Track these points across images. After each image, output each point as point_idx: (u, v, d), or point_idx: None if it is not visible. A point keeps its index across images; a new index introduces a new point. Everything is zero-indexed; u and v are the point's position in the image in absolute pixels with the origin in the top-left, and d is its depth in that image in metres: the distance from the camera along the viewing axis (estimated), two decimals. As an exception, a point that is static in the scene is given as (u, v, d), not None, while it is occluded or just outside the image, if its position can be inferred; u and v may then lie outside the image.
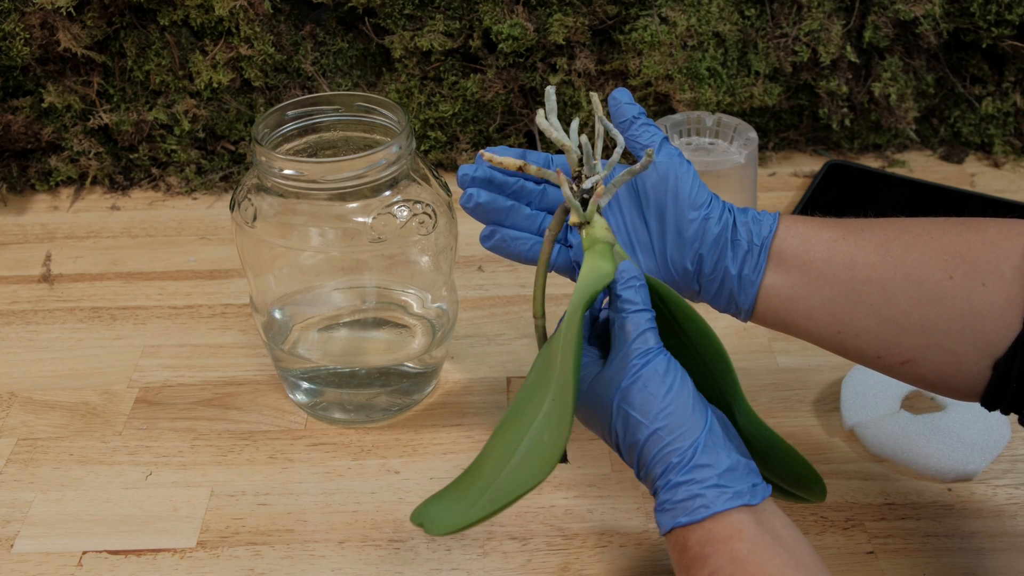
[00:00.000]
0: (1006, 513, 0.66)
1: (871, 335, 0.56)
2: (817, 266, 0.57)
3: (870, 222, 0.58)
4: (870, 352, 0.56)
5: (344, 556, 0.65)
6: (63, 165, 0.99)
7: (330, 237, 0.67)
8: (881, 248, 0.56)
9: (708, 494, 0.48)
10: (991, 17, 0.95)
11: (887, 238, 0.56)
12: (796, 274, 0.57)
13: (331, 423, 0.74)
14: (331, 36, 0.99)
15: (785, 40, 0.95)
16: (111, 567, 0.64)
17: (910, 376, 0.56)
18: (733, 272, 0.58)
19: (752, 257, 0.57)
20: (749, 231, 0.58)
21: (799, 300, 0.57)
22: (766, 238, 0.57)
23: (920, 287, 0.54)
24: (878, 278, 0.55)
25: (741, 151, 0.84)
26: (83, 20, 0.93)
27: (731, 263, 0.58)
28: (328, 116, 0.70)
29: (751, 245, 0.57)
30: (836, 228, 0.58)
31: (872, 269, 0.55)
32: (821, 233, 0.57)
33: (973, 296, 0.53)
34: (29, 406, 0.76)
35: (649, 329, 0.52)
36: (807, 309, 0.57)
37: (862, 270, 0.55)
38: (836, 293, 0.56)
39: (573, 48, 0.97)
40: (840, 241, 0.57)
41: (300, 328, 0.74)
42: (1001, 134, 1.02)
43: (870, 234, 0.57)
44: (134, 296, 0.87)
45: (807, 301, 0.57)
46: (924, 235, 0.56)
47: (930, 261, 0.54)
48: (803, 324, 0.58)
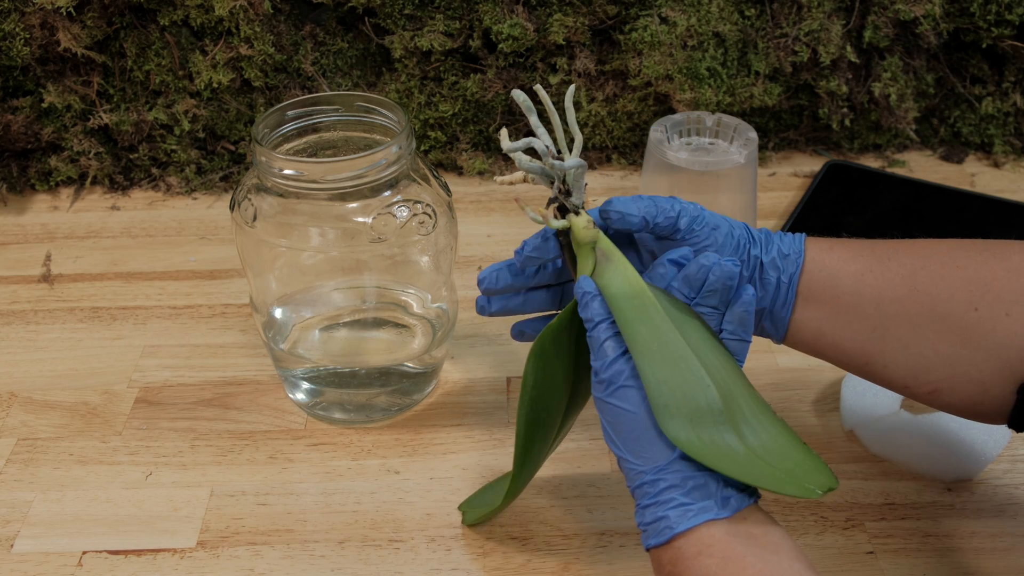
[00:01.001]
0: (1006, 513, 0.66)
1: (899, 367, 0.57)
2: (845, 301, 0.57)
3: (896, 249, 0.58)
4: (898, 382, 0.57)
5: (344, 556, 0.65)
6: (63, 165, 0.99)
7: (330, 237, 0.67)
8: (908, 281, 0.56)
9: (671, 515, 0.50)
10: (991, 17, 0.95)
11: (913, 269, 0.56)
12: (824, 309, 0.58)
13: (331, 423, 0.74)
14: (331, 36, 0.99)
15: (785, 40, 0.95)
16: (111, 567, 0.64)
17: (937, 403, 0.57)
18: (765, 308, 0.59)
19: (781, 295, 0.58)
20: (777, 269, 0.58)
21: (828, 333, 0.58)
22: (793, 275, 0.58)
23: (946, 321, 0.55)
24: (905, 312, 0.56)
25: (741, 151, 0.84)
26: (83, 20, 0.93)
27: (761, 303, 0.59)
28: (328, 116, 0.70)
29: (779, 283, 0.58)
30: (862, 259, 0.58)
31: (899, 303, 0.56)
32: (848, 266, 0.58)
33: (997, 326, 0.54)
34: (29, 406, 0.76)
35: (608, 339, 0.53)
36: (836, 341, 0.58)
37: (889, 305, 0.56)
38: (864, 328, 0.57)
39: (573, 48, 0.97)
40: (867, 275, 0.57)
41: (300, 328, 0.74)
42: (1001, 134, 1.02)
43: (896, 265, 0.57)
44: (134, 296, 0.87)
45: (835, 335, 0.58)
46: (950, 264, 0.56)
47: (956, 293, 0.55)
48: (832, 354, 0.59)
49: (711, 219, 0.58)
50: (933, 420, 0.70)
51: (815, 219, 0.92)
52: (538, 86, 0.56)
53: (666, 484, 0.50)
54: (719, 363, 0.54)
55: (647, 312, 0.54)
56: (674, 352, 0.53)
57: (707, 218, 0.58)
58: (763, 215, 0.94)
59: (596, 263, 0.56)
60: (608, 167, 1.03)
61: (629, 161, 1.03)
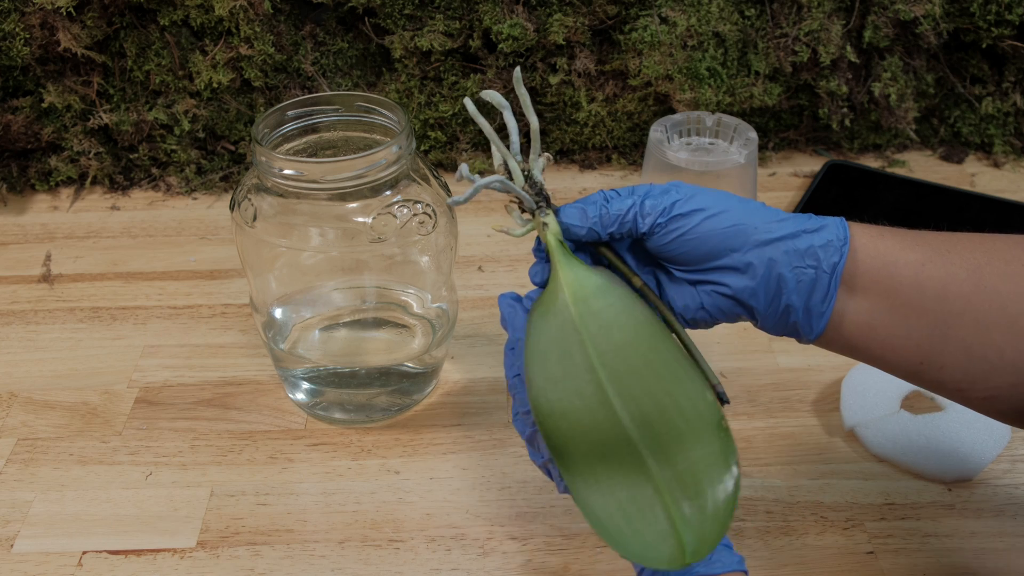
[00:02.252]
0: (1006, 513, 0.66)
1: (957, 370, 0.51)
2: (904, 293, 0.51)
3: (952, 241, 0.53)
4: (951, 385, 0.53)
5: (344, 556, 0.65)
6: (63, 165, 0.99)
7: (330, 237, 0.67)
8: (973, 276, 0.51)
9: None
10: (991, 17, 0.95)
11: (978, 264, 0.51)
12: (877, 300, 0.52)
13: (331, 423, 0.74)
14: (331, 36, 0.99)
15: (785, 40, 0.95)
16: (111, 567, 0.64)
17: (988, 410, 0.53)
18: (797, 306, 0.53)
19: (821, 287, 0.52)
20: (816, 258, 0.52)
21: (879, 328, 0.52)
22: (837, 264, 0.52)
23: (1015, 324, 0.50)
24: (971, 310, 0.50)
25: (741, 151, 0.84)
26: (83, 20, 0.93)
27: (795, 298, 0.52)
28: (328, 116, 0.70)
29: (818, 273, 0.52)
30: (920, 248, 0.52)
31: (966, 300, 0.50)
32: (906, 254, 0.52)
33: None
34: (29, 406, 0.76)
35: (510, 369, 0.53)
36: (887, 338, 0.52)
37: (955, 301, 0.50)
38: (924, 324, 0.51)
39: (573, 48, 0.97)
40: (928, 265, 0.51)
41: (300, 328, 0.74)
42: (1001, 134, 1.02)
43: (958, 258, 0.51)
44: (134, 296, 0.87)
45: (888, 329, 0.52)
46: (1015, 262, 0.51)
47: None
48: (879, 352, 0.53)
49: (694, 203, 0.52)
50: (933, 420, 0.70)
51: (815, 219, 0.92)
52: (467, 99, 0.54)
53: None
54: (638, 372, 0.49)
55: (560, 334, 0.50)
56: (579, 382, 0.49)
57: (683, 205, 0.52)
58: (763, 215, 0.94)
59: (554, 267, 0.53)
60: (608, 167, 1.03)
61: (629, 161, 1.03)
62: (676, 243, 0.53)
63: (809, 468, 0.70)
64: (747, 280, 0.53)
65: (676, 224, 0.52)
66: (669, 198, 0.53)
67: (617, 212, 0.53)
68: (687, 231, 0.52)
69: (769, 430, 0.73)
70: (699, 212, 0.52)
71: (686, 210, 0.52)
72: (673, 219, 0.52)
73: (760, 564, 0.63)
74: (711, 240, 0.52)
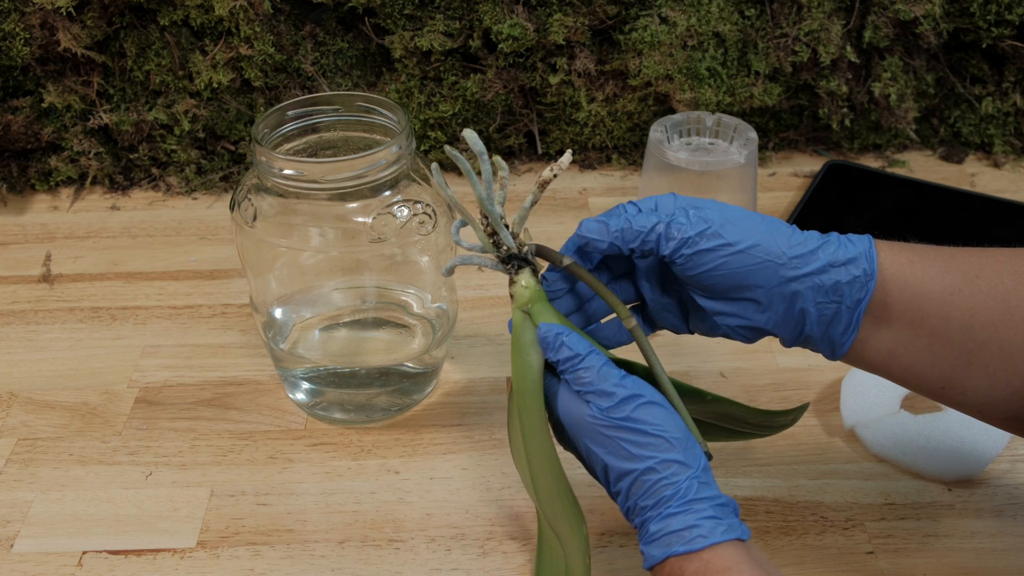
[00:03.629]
0: (1006, 513, 0.66)
1: (980, 395, 0.52)
2: (929, 324, 0.51)
3: (981, 263, 0.52)
4: (973, 407, 0.53)
5: (344, 556, 0.65)
6: (63, 165, 0.99)
7: (330, 237, 0.67)
8: (1001, 304, 0.50)
9: (705, 524, 0.48)
10: (991, 17, 0.95)
11: (1006, 291, 0.51)
12: (903, 331, 0.52)
13: (331, 423, 0.74)
14: (331, 36, 0.99)
15: (785, 40, 0.95)
16: (111, 567, 0.64)
17: (1009, 427, 0.54)
18: (818, 336, 0.53)
19: (841, 322, 0.52)
20: (841, 294, 0.51)
21: (903, 356, 0.52)
22: (862, 300, 0.51)
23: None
24: (997, 339, 0.50)
25: (741, 151, 0.84)
26: (83, 20, 0.93)
27: (816, 330, 0.52)
28: (328, 116, 0.70)
29: (840, 308, 0.52)
30: (950, 277, 0.51)
31: (992, 329, 0.50)
32: (935, 286, 0.51)
33: None
34: (29, 406, 0.76)
35: (605, 364, 0.51)
36: (911, 365, 0.52)
37: (980, 331, 0.50)
38: (948, 353, 0.51)
39: (573, 48, 0.97)
40: (956, 296, 0.51)
41: (300, 328, 0.74)
42: (1001, 134, 1.02)
43: (986, 284, 0.51)
44: (134, 296, 0.87)
45: (912, 358, 0.52)
46: None
47: None
48: (901, 376, 0.53)
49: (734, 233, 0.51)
50: (933, 420, 0.70)
51: (815, 219, 0.92)
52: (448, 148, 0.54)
53: (697, 495, 0.48)
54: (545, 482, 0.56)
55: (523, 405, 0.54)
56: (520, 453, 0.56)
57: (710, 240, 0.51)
58: (763, 215, 0.94)
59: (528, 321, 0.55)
60: (608, 167, 1.03)
61: (629, 161, 1.03)
62: (701, 276, 0.52)
63: (809, 468, 0.70)
64: (770, 314, 0.53)
65: (703, 259, 0.52)
66: (697, 225, 0.52)
67: (640, 228, 0.52)
68: (714, 267, 0.52)
69: (769, 430, 0.73)
70: (727, 247, 0.51)
71: (713, 245, 0.51)
72: (699, 253, 0.51)
73: (760, 564, 0.63)
74: (737, 276, 0.52)
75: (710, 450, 0.51)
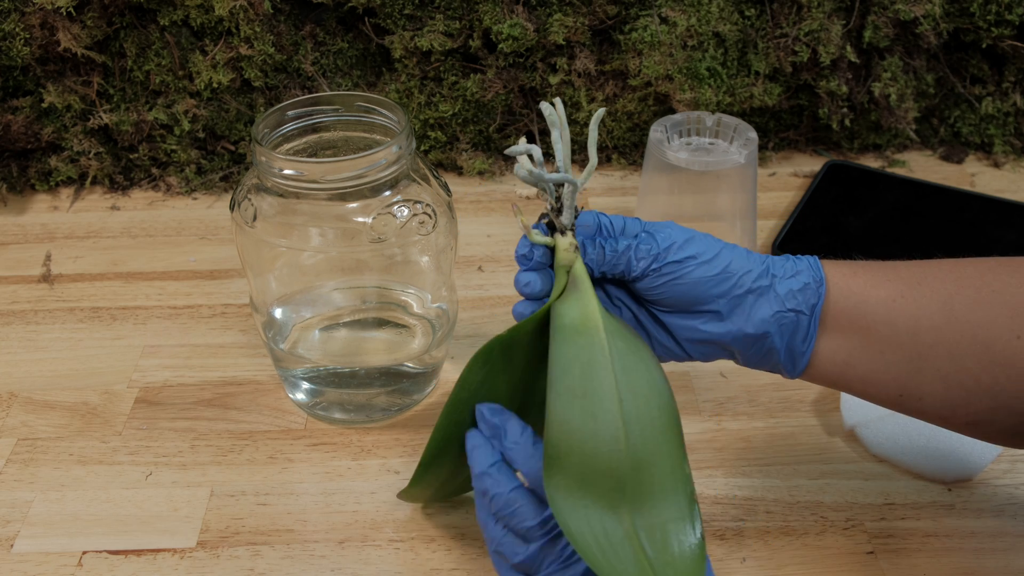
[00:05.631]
0: (1006, 513, 0.66)
1: (936, 398, 0.53)
2: (877, 330, 0.53)
3: (923, 271, 0.54)
4: (933, 414, 0.54)
5: (344, 556, 0.65)
6: (63, 165, 0.99)
7: (330, 237, 0.67)
8: (944, 307, 0.52)
9: None
10: (991, 17, 0.95)
11: (948, 295, 0.53)
12: (853, 339, 0.54)
13: (331, 423, 0.74)
14: (331, 36, 0.99)
15: (785, 40, 0.95)
16: (111, 567, 0.64)
17: (975, 434, 0.55)
18: (779, 347, 0.55)
19: (800, 330, 0.54)
20: (795, 301, 0.54)
21: (857, 365, 0.54)
22: (815, 306, 0.54)
23: (989, 350, 0.51)
24: (944, 341, 0.52)
25: (741, 151, 0.84)
26: (83, 20, 0.93)
27: (776, 341, 0.55)
28: (328, 116, 0.70)
29: (798, 316, 0.54)
30: (892, 285, 0.54)
31: (937, 332, 0.52)
32: (877, 291, 0.54)
33: None
34: (29, 406, 0.76)
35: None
36: (866, 374, 0.54)
37: (926, 334, 0.52)
38: (899, 358, 0.53)
39: (573, 48, 0.97)
40: (899, 300, 0.53)
41: (300, 328, 0.74)
42: (1001, 134, 1.02)
43: (929, 290, 0.53)
44: (134, 296, 0.87)
45: (866, 366, 0.54)
46: (985, 289, 0.52)
47: (996, 320, 0.51)
48: (859, 387, 0.55)
49: (687, 249, 0.54)
50: (933, 420, 0.70)
51: (815, 219, 0.92)
52: (557, 99, 0.54)
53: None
54: (651, 422, 0.50)
55: (590, 354, 0.51)
56: (598, 405, 0.50)
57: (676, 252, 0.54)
58: (763, 215, 0.94)
59: (565, 288, 0.54)
60: (608, 167, 1.03)
61: (629, 161, 1.03)
62: (666, 287, 0.54)
63: (809, 468, 0.70)
64: (729, 325, 0.55)
65: (669, 269, 0.54)
66: (663, 241, 0.54)
67: (612, 253, 0.55)
68: (679, 276, 0.54)
69: (769, 430, 0.73)
70: (692, 259, 0.54)
71: (680, 257, 0.54)
72: (667, 265, 0.54)
73: (760, 564, 0.63)
74: (700, 286, 0.54)
75: None
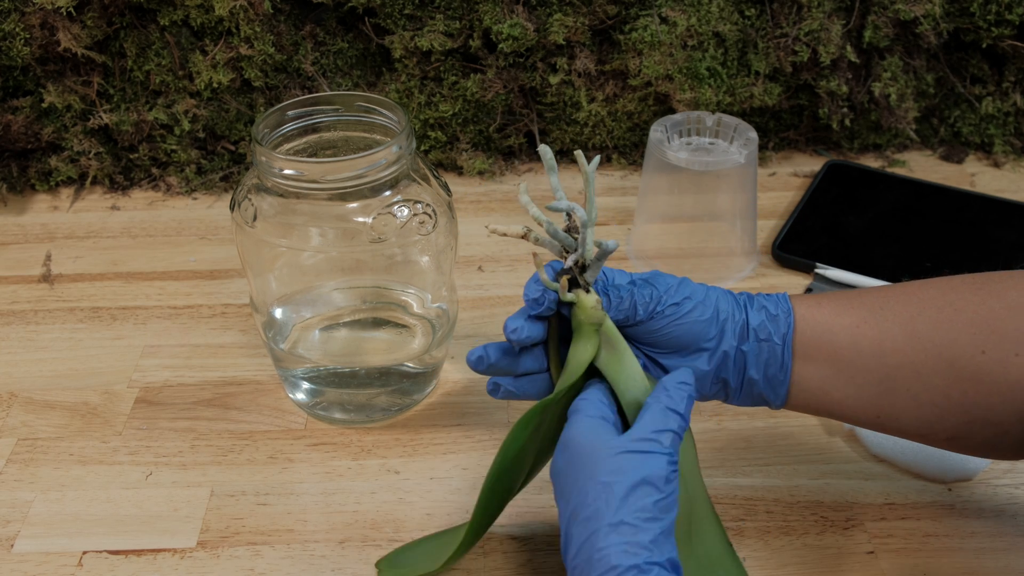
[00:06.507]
0: (1006, 513, 0.66)
1: (911, 418, 0.55)
2: (845, 356, 0.55)
3: (886, 297, 0.56)
4: (913, 432, 0.56)
5: (344, 556, 0.65)
6: (63, 165, 0.99)
7: (330, 237, 0.67)
8: (907, 329, 0.54)
9: None
10: (991, 17, 0.95)
11: (911, 316, 0.54)
12: (824, 366, 0.56)
13: (331, 423, 0.74)
14: (331, 36, 0.99)
15: (785, 40, 0.95)
16: (111, 567, 0.64)
17: (956, 448, 0.56)
18: (758, 377, 0.57)
19: (776, 359, 0.56)
20: (767, 331, 0.56)
21: (831, 391, 0.56)
22: (785, 335, 0.56)
23: (953, 366, 0.53)
24: (909, 362, 0.54)
25: (741, 151, 0.84)
26: (83, 20, 0.93)
27: (755, 370, 0.57)
28: (328, 116, 0.70)
29: (772, 346, 0.56)
30: (855, 310, 0.56)
31: (902, 354, 0.54)
32: (841, 319, 0.56)
33: (1009, 368, 0.52)
34: (29, 406, 0.76)
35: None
36: (842, 398, 0.56)
37: (891, 356, 0.54)
38: (869, 381, 0.55)
39: (573, 48, 0.97)
40: (863, 326, 0.55)
41: (300, 328, 0.74)
42: (1001, 134, 1.02)
43: (892, 313, 0.55)
44: (134, 296, 0.87)
45: (840, 391, 0.56)
46: (947, 308, 0.54)
47: (959, 337, 0.53)
48: (839, 412, 0.57)
49: (683, 292, 0.56)
50: (933, 420, 0.70)
51: (815, 219, 0.92)
52: (595, 157, 0.54)
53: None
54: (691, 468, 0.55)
55: None
56: None
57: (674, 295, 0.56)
58: (763, 215, 0.94)
59: (599, 349, 0.55)
60: (608, 167, 1.03)
61: (629, 161, 1.03)
62: (668, 328, 0.56)
63: (809, 468, 0.70)
64: (717, 361, 0.57)
65: (670, 311, 0.56)
66: (661, 285, 0.57)
67: (617, 300, 0.56)
68: (678, 317, 0.56)
69: (769, 430, 0.73)
70: (688, 300, 0.56)
71: (678, 299, 0.56)
72: (668, 307, 0.56)
73: (760, 564, 0.63)
74: (696, 328, 0.56)
75: None
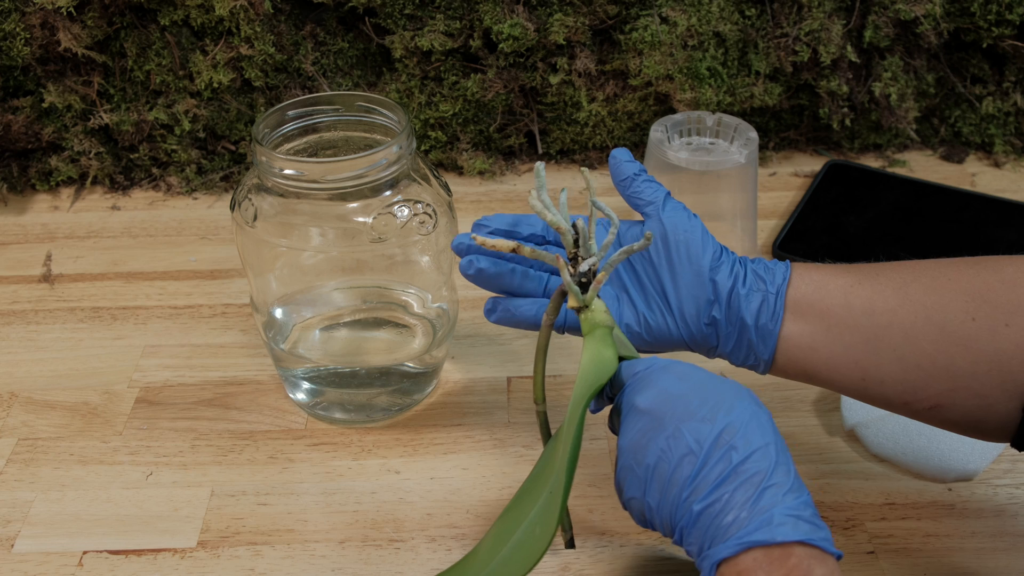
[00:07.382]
0: (1006, 513, 0.66)
1: (896, 381, 0.55)
2: (836, 313, 0.56)
3: (884, 265, 0.57)
4: (896, 399, 0.56)
5: (344, 556, 0.65)
6: (63, 165, 0.99)
7: (330, 237, 0.67)
8: (899, 292, 0.55)
9: (787, 522, 0.46)
10: (991, 17, 0.95)
11: (904, 281, 0.55)
12: (815, 322, 0.57)
13: (331, 423, 0.74)
14: (331, 36, 0.99)
15: (785, 40, 0.95)
16: (111, 567, 0.64)
17: (938, 420, 0.56)
18: (750, 322, 0.58)
19: (768, 306, 0.57)
20: (762, 280, 0.58)
21: (819, 348, 0.57)
22: (780, 285, 0.57)
23: (943, 330, 0.53)
24: (899, 322, 0.54)
25: (741, 151, 0.84)
26: (83, 20, 0.93)
27: (747, 314, 0.58)
28: (328, 116, 0.70)
29: (766, 294, 0.57)
30: (851, 273, 0.57)
31: (892, 314, 0.55)
32: (836, 279, 0.57)
33: (997, 337, 0.52)
34: (29, 406, 0.76)
35: None
36: (828, 357, 0.57)
37: (882, 315, 0.55)
38: (857, 340, 0.56)
39: (573, 48, 0.97)
40: (856, 286, 0.56)
41: (300, 328, 0.74)
42: (1001, 134, 1.02)
43: (886, 278, 0.56)
44: (134, 296, 0.87)
45: (828, 349, 0.57)
46: (941, 277, 0.55)
47: (950, 303, 0.53)
48: (825, 373, 0.57)
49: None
50: (933, 420, 0.70)
51: (815, 219, 0.92)
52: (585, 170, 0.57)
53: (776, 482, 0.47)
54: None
55: None
56: None
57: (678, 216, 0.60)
58: (763, 215, 0.94)
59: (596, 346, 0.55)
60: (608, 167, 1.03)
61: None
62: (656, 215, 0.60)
63: (809, 468, 0.70)
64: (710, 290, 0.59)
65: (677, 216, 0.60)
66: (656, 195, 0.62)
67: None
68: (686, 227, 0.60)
69: (769, 430, 0.73)
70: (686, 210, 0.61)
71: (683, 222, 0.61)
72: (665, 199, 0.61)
73: (760, 564, 0.63)
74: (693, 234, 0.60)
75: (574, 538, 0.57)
